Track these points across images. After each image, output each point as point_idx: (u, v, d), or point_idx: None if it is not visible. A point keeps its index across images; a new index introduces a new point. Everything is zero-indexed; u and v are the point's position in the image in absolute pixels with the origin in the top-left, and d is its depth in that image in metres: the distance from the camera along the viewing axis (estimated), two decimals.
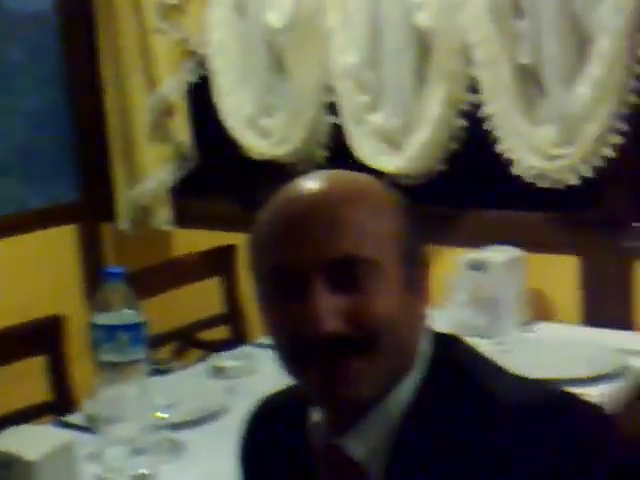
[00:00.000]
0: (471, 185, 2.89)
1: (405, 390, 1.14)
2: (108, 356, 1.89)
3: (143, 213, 3.34)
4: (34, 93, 3.33)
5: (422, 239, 1.19)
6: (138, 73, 3.18)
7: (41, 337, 2.44)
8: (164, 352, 2.85)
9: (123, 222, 3.38)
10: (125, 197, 3.35)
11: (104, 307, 1.92)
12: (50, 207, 3.41)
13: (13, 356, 2.41)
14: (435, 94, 2.72)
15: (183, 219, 3.34)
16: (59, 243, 3.43)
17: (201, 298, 3.06)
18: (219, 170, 3.37)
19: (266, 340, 2.48)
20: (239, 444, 1.33)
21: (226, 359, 2.43)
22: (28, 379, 2.49)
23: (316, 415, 1.20)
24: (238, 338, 2.95)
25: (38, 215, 3.36)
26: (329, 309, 1.10)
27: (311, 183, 1.16)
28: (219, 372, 2.37)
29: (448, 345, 1.19)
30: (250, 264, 1.19)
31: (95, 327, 1.91)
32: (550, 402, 1.13)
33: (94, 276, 3.47)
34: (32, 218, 3.34)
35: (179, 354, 2.89)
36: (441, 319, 1.50)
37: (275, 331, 1.16)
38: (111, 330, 1.89)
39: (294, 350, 1.14)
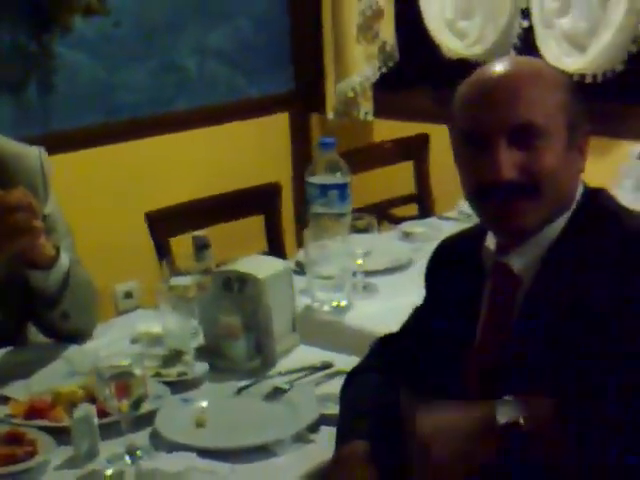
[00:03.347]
0: None
1: (559, 224, 1.51)
2: (319, 209, 2.34)
3: (348, 105, 3.78)
4: None
5: (584, 113, 1.52)
6: None
7: (262, 199, 2.93)
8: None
9: (330, 113, 3.83)
10: (333, 90, 3.79)
11: (318, 170, 2.37)
12: (266, 97, 3.89)
13: (238, 214, 2.91)
14: (620, 2, 2.98)
15: (383, 111, 3.76)
16: (273, 128, 3.93)
17: (395, 179, 3.47)
18: (417, 68, 3.74)
19: (448, 214, 2.89)
20: (426, 267, 1.74)
21: (414, 226, 2.83)
22: (249, 234, 2.98)
23: (489, 241, 1.59)
24: (425, 215, 3.34)
25: (256, 103, 3.86)
26: (507, 161, 1.46)
27: (499, 64, 1.53)
28: (407, 236, 2.76)
29: (596, 193, 1.54)
30: (450, 126, 1.57)
31: (310, 185, 2.37)
32: None
33: (302, 156, 3.97)
34: (251, 106, 3.84)
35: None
36: None
37: (465, 177, 1.55)
38: (323, 188, 2.34)
39: (478, 191, 1.52)
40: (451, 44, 3.43)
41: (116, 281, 3.54)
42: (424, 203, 3.45)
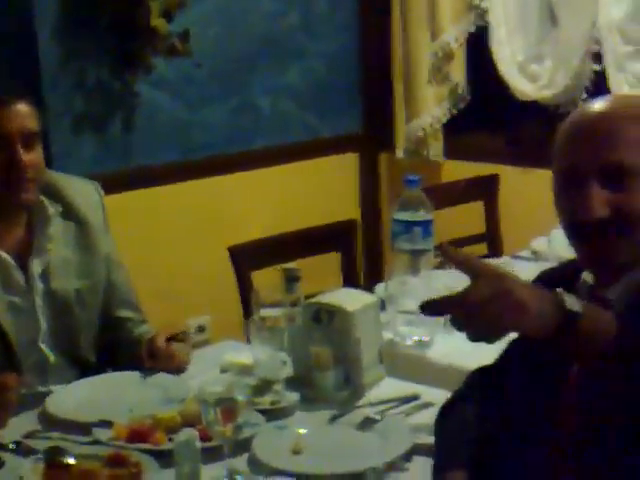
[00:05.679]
0: None
1: None
2: (404, 245, 2.40)
3: (418, 144, 3.85)
4: (332, 38, 3.89)
5: None
6: (423, 22, 3.67)
7: (339, 235, 3.00)
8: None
9: (400, 152, 3.90)
10: (403, 131, 3.87)
11: (403, 206, 2.43)
12: (337, 137, 3.98)
13: (316, 250, 2.97)
14: None
15: (452, 151, 3.82)
16: (343, 167, 4.01)
17: (464, 219, 3.51)
18: (487, 109, 3.80)
19: (521, 253, 2.94)
20: None
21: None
22: (326, 271, 3.04)
23: (586, 276, 1.61)
24: (494, 254, 3.38)
25: (327, 143, 3.94)
26: (598, 200, 1.50)
27: (598, 103, 1.56)
28: None
29: None
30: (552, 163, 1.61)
31: (395, 222, 2.43)
32: None
33: (370, 195, 4.05)
34: (323, 145, 3.92)
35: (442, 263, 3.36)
36: None
37: (561, 213, 1.58)
38: (408, 224, 2.40)
39: (572, 229, 1.56)
40: (522, 87, 3.49)
41: (189, 315, 3.62)
42: (493, 243, 3.49)
